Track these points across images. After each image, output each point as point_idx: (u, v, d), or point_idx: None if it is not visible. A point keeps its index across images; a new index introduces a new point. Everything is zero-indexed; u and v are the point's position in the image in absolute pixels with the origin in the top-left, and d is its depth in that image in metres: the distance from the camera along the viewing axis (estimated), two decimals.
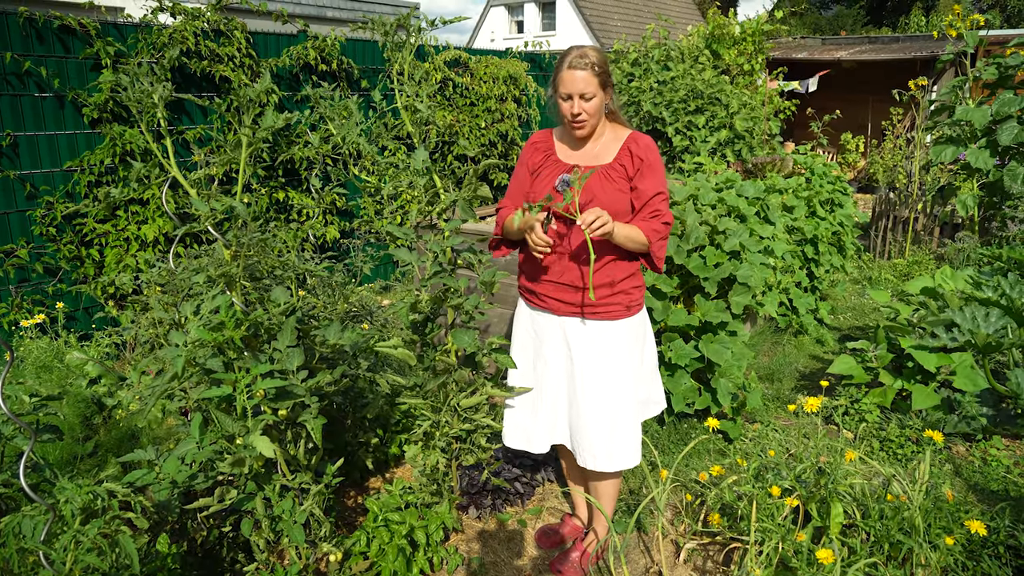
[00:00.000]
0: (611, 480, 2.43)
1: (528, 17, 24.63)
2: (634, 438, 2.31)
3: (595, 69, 2.08)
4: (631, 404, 2.30)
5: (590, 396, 2.26)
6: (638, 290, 2.30)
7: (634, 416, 2.32)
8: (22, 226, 4.23)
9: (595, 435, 2.27)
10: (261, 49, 5.29)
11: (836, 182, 5.25)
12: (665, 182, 2.19)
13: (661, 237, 2.18)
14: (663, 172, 2.20)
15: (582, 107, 2.12)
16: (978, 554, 2.36)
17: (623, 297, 2.24)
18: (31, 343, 3.41)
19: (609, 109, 2.21)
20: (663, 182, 2.18)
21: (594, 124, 2.18)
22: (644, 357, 2.40)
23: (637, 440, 2.33)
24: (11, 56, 4.04)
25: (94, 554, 1.71)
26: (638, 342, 2.34)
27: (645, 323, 2.39)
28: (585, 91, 2.09)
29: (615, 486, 2.47)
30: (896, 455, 3.20)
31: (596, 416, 2.27)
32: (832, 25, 31.01)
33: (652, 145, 2.21)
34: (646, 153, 2.17)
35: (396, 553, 2.32)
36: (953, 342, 3.28)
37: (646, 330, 2.40)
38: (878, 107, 11.35)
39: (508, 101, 7.08)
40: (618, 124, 2.28)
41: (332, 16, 9.81)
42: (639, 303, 2.32)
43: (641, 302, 2.33)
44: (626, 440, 2.29)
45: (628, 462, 2.30)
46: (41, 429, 1.98)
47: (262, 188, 5.25)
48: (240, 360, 2.04)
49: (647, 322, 2.41)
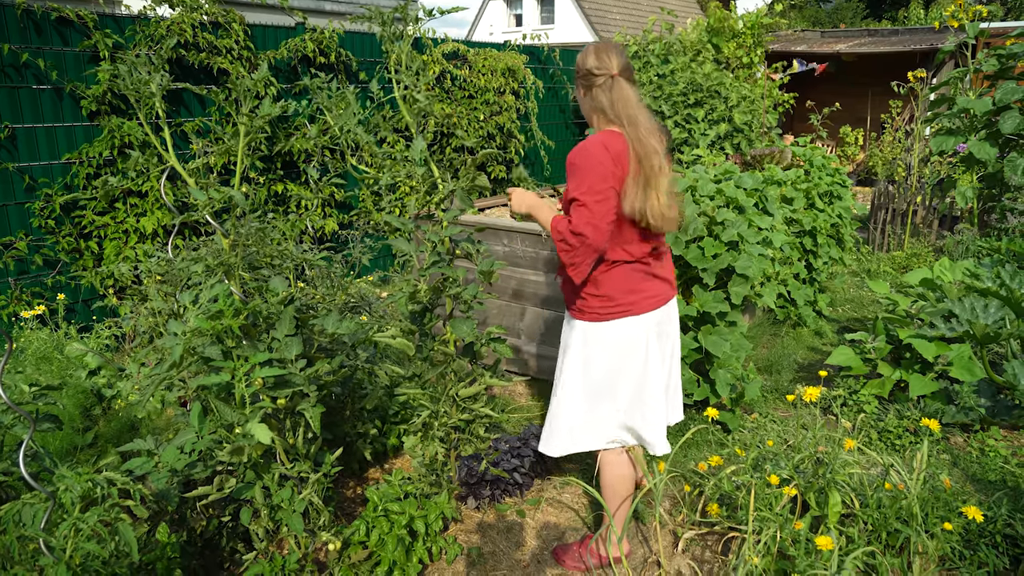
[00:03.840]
0: (606, 472, 2.41)
1: (527, 10, 24.55)
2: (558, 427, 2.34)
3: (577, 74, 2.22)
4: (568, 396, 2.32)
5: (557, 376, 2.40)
6: (594, 298, 2.22)
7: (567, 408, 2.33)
8: (21, 218, 4.22)
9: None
10: (259, 41, 5.28)
11: (835, 174, 5.25)
12: (586, 185, 2.05)
13: (560, 239, 2.10)
14: (588, 175, 2.06)
15: None
16: (975, 543, 2.37)
17: (578, 300, 2.28)
18: (31, 334, 3.41)
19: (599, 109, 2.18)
20: (581, 186, 2.06)
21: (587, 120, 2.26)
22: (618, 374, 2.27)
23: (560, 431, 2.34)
24: (8, 48, 4.03)
25: (94, 542, 1.72)
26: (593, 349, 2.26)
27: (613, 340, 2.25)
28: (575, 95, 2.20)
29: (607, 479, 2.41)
30: (894, 445, 3.21)
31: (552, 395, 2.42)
32: (831, 18, 30.93)
33: (587, 147, 2.10)
34: (573, 157, 2.12)
35: (395, 543, 2.33)
36: (952, 332, 3.28)
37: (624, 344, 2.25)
38: (877, 100, 11.34)
39: (506, 94, 7.07)
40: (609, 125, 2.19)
41: (330, 9, 9.78)
42: (595, 312, 2.23)
43: (600, 312, 2.22)
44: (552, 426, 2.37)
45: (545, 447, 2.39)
46: (40, 418, 1.99)
47: (261, 178, 5.24)
48: (239, 349, 2.04)
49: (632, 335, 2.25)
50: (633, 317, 2.22)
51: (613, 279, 2.20)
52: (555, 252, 3.71)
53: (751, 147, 7.58)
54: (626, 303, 2.21)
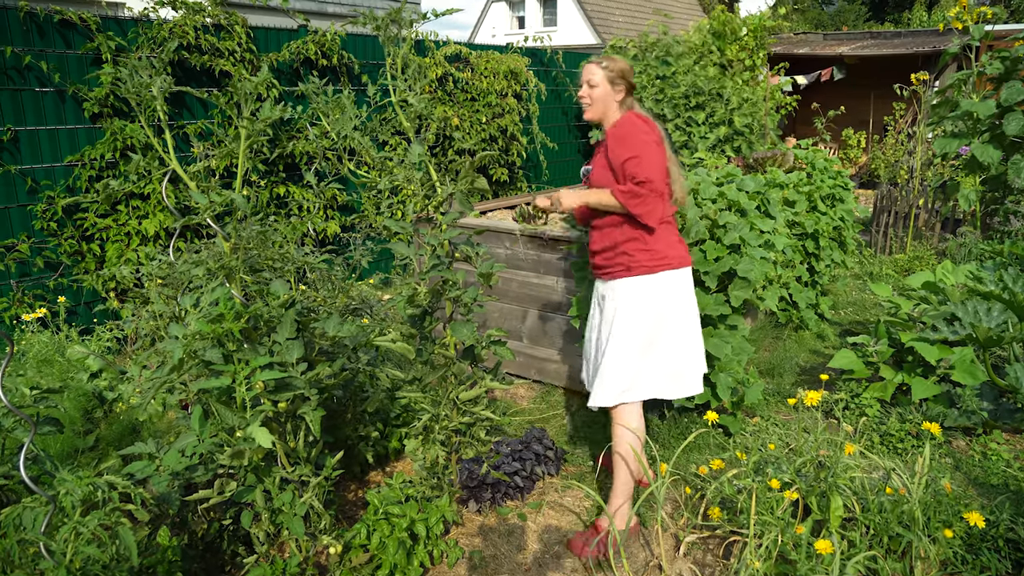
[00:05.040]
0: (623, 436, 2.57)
1: (529, 13, 24.56)
2: (612, 380, 2.55)
3: (602, 64, 2.54)
4: (624, 352, 2.54)
5: (601, 344, 2.64)
6: (642, 252, 2.50)
7: (623, 364, 2.54)
8: (23, 221, 4.23)
9: (594, 375, 2.65)
10: (262, 44, 5.29)
11: (837, 177, 5.24)
12: (635, 147, 2.41)
13: (633, 196, 2.39)
14: (633, 140, 2.43)
15: (587, 92, 2.57)
16: (977, 547, 2.36)
17: (624, 258, 2.52)
18: (32, 337, 3.41)
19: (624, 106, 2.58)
20: (631, 148, 2.42)
21: (597, 111, 2.58)
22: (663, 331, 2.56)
23: (609, 386, 2.55)
24: (11, 50, 4.04)
25: (94, 546, 1.72)
26: (642, 301, 2.52)
27: (658, 291, 2.53)
28: (590, 79, 2.55)
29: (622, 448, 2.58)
30: (896, 449, 3.19)
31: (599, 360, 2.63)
32: (834, 20, 30.88)
33: (624, 122, 2.51)
34: (614, 129, 2.52)
35: (397, 546, 2.32)
36: (954, 335, 3.27)
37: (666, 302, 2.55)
38: (880, 102, 11.32)
39: (508, 96, 7.07)
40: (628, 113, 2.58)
41: (333, 11, 9.80)
42: (643, 265, 2.50)
43: (647, 264, 2.50)
44: (601, 383, 2.57)
45: (600, 399, 2.58)
46: (41, 421, 1.99)
47: (262, 181, 5.24)
48: (240, 352, 2.04)
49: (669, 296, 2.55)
50: (674, 271, 2.54)
51: (659, 235, 2.52)
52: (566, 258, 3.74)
53: (752, 150, 7.57)
54: (670, 256, 2.53)
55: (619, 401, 2.57)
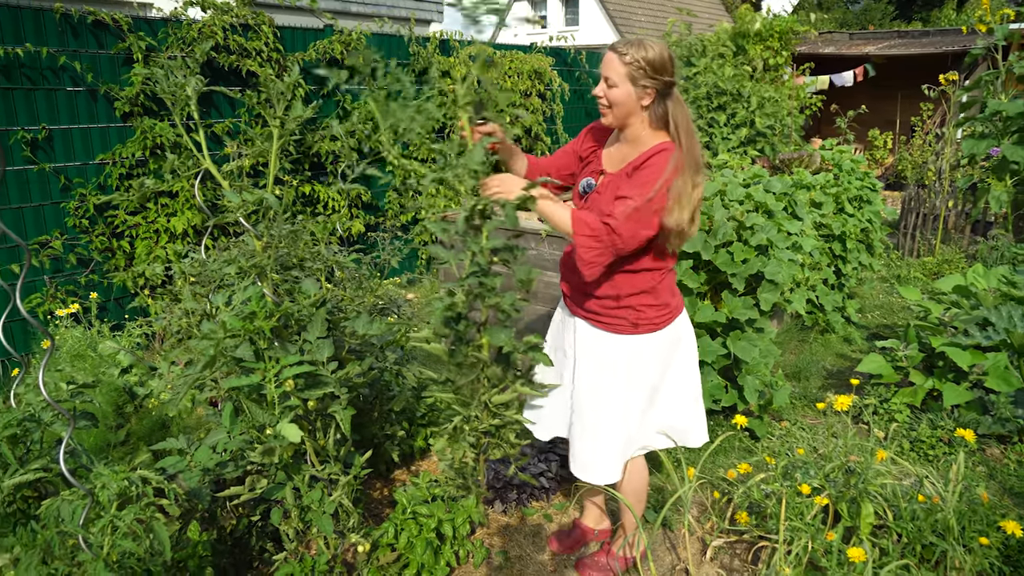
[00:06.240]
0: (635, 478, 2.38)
1: (551, 12, 24.53)
2: (610, 456, 2.24)
3: (624, 57, 1.94)
4: (617, 422, 2.22)
5: (580, 402, 2.26)
6: (652, 308, 2.14)
7: (618, 435, 2.23)
8: (56, 218, 4.30)
9: (577, 441, 2.29)
10: (288, 43, 5.33)
11: (864, 178, 5.17)
12: (646, 193, 1.92)
13: (590, 234, 1.93)
14: (652, 185, 1.93)
15: (604, 91, 2.01)
16: (1015, 558, 2.31)
17: (629, 312, 2.14)
18: (65, 332, 3.46)
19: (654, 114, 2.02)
20: (641, 191, 1.93)
21: (619, 116, 2.03)
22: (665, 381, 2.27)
23: (613, 459, 2.24)
24: (47, 51, 4.11)
25: (130, 539, 1.74)
26: (645, 363, 2.20)
27: (664, 345, 2.21)
28: (608, 75, 1.98)
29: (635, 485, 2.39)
30: (927, 456, 3.15)
31: (581, 423, 2.26)
32: (859, 19, 30.47)
33: (661, 159, 1.97)
34: (645, 159, 2.00)
35: (424, 546, 2.33)
36: (987, 340, 3.21)
37: (669, 353, 2.25)
38: (907, 103, 11.16)
39: (532, 96, 7.06)
40: (663, 134, 2.06)
41: (357, 11, 9.85)
42: (652, 322, 2.15)
43: (656, 321, 2.16)
44: (603, 456, 2.24)
45: (601, 478, 2.25)
46: (78, 416, 2.02)
47: (291, 179, 5.28)
48: (270, 350, 2.06)
49: (672, 345, 2.24)
50: (678, 316, 2.24)
51: (667, 285, 2.18)
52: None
53: (775, 151, 7.50)
54: (673, 306, 2.22)
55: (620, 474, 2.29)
